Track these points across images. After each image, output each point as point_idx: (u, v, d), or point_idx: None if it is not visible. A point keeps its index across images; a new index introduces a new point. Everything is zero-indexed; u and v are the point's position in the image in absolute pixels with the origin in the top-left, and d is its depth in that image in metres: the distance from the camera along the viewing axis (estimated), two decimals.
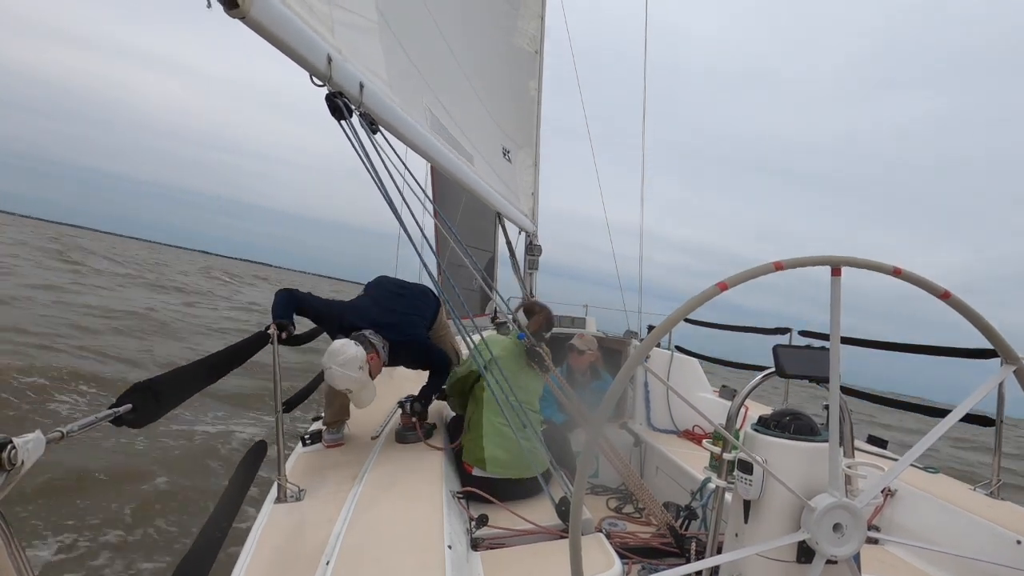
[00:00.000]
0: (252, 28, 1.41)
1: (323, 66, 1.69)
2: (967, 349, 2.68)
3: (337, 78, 1.75)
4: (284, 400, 2.12)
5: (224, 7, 1.31)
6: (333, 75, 1.73)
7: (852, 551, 1.10)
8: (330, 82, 1.74)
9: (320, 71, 1.70)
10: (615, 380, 1.02)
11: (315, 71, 1.69)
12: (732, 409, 1.55)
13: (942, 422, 1.08)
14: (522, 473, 2.32)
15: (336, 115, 1.79)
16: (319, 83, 1.75)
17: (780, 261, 0.98)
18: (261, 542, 1.70)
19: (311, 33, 1.63)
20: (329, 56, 1.70)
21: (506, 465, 2.33)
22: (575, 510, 1.02)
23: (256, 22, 1.40)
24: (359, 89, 1.88)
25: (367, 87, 1.92)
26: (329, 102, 1.78)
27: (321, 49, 1.67)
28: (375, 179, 1.91)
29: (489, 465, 2.32)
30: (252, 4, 1.34)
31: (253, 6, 1.35)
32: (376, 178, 1.91)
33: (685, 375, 3.91)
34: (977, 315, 1.03)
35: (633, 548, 2.23)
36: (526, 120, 4.75)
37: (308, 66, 1.66)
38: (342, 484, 2.12)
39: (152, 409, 1.20)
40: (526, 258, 5.55)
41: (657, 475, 3.40)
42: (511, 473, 2.32)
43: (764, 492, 1.24)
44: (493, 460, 2.33)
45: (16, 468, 0.77)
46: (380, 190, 1.92)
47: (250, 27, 1.41)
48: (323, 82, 1.74)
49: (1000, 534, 1.93)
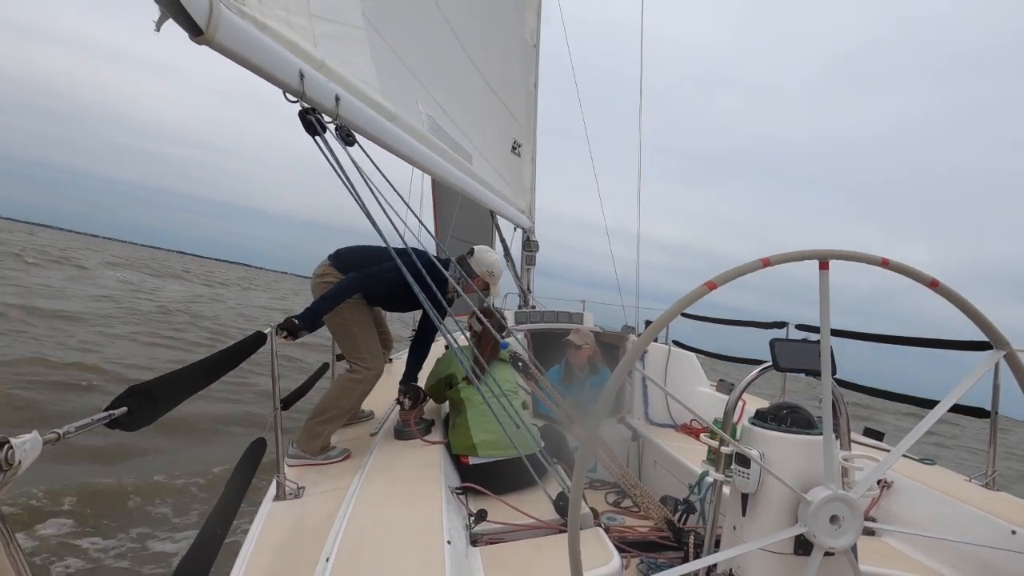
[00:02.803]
0: (219, 52, 1.38)
1: (296, 83, 1.67)
2: (961, 341, 2.69)
3: (311, 93, 1.73)
4: (282, 398, 2.12)
5: (189, 34, 1.27)
6: (306, 91, 1.71)
7: (849, 543, 1.10)
8: (304, 98, 1.72)
9: (293, 88, 1.68)
10: (612, 375, 1.02)
11: (288, 88, 1.67)
12: (729, 403, 1.55)
13: (934, 410, 1.09)
14: (514, 451, 2.35)
15: (310, 131, 1.79)
16: (292, 99, 1.73)
17: (768, 257, 0.97)
18: (261, 540, 1.70)
19: (282, 50, 1.61)
20: (301, 72, 1.68)
21: (496, 445, 2.37)
22: (574, 505, 1.02)
23: (223, 47, 1.36)
24: (335, 102, 1.86)
25: (343, 99, 1.90)
26: (302, 119, 1.77)
27: (293, 66, 1.65)
28: (351, 191, 1.91)
29: (480, 449, 2.37)
30: (218, 29, 1.31)
31: (219, 31, 1.31)
32: (352, 190, 1.91)
33: (682, 369, 3.92)
34: (966, 302, 1.03)
35: (631, 542, 2.24)
36: (525, 115, 4.75)
37: (280, 84, 1.64)
38: (341, 481, 2.13)
39: (147, 412, 1.20)
40: (523, 254, 5.54)
41: (655, 469, 3.41)
42: (504, 453, 2.36)
43: (761, 485, 1.25)
44: (484, 444, 2.38)
45: (13, 468, 0.77)
46: (356, 201, 1.93)
47: (217, 51, 1.37)
48: (297, 98, 1.73)
49: (995, 524, 1.94)
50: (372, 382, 2.62)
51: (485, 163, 3.67)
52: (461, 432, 2.47)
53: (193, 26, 1.25)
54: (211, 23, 1.28)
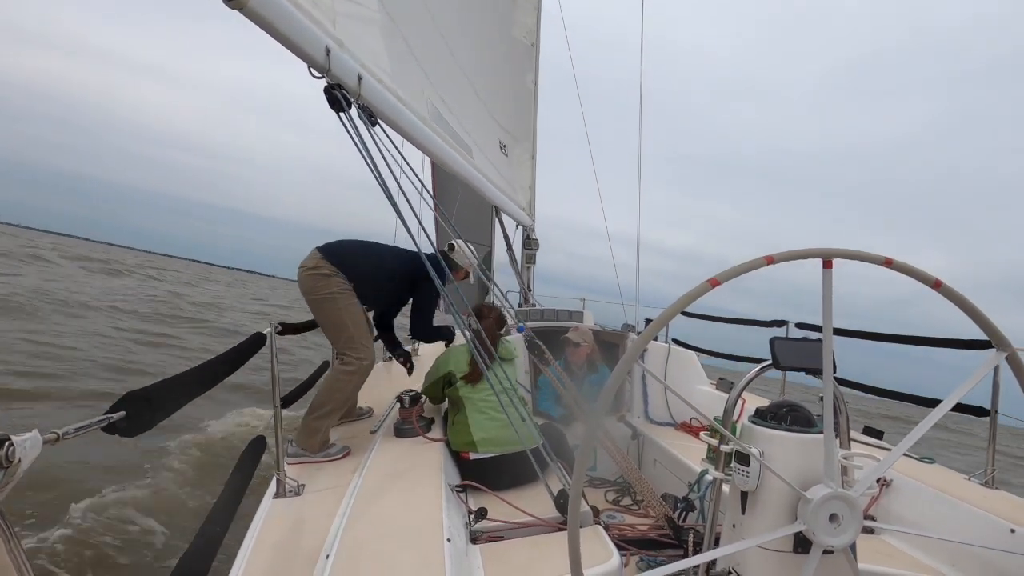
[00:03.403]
0: (251, 19, 1.40)
1: (322, 58, 1.68)
2: (963, 340, 2.69)
3: (336, 70, 1.74)
4: (282, 395, 2.12)
5: None
6: (332, 67, 1.72)
7: (848, 541, 1.10)
8: (328, 74, 1.73)
9: (319, 63, 1.69)
10: (612, 373, 1.02)
11: (314, 63, 1.68)
12: (729, 401, 1.55)
13: (936, 410, 1.09)
14: (514, 446, 2.36)
15: (335, 107, 1.78)
16: (317, 75, 1.73)
17: (771, 255, 0.97)
18: (261, 537, 1.70)
19: (310, 25, 1.62)
20: (328, 48, 1.69)
21: (496, 442, 2.40)
22: (573, 502, 1.02)
23: (255, 13, 1.39)
24: (357, 81, 1.87)
25: (365, 80, 1.91)
26: (328, 94, 1.77)
27: (320, 41, 1.66)
28: (373, 171, 1.90)
29: (480, 446, 2.39)
30: None
31: None
32: (374, 169, 1.90)
33: (682, 368, 3.92)
34: (969, 303, 1.03)
35: (631, 540, 2.24)
36: (524, 113, 4.73)
37: (307, 58, 1.65)
38: (341, 479, 2.13)
39: (146, 417, 1.19)
40: (523, 252, 5.53)
41: (655, 467, 3.41)
42: (503, 448, 2.38)
43: (761, 483, 1.25)
44: (483, 441, 2.40)
45: (14, 466, 0.77)
46: (378, 181, 1.92)
47: (249, 18, 1.40)
48: (322, 74, 1.73)
49: (994, 523, 1.94)
50: (365, 373, 2.61)
51: (484, 159, 3.67)
52: (460, 429, 2.49)
53: None
54: None
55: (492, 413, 2.49)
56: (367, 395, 3.03)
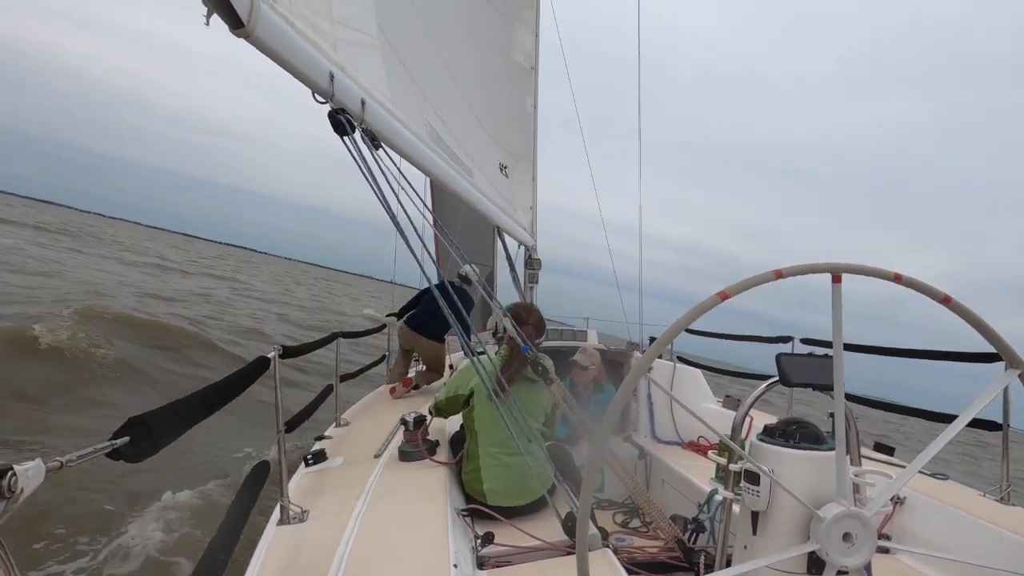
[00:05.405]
0: (256, 47, 1.43)
1: (325, 84, 1.72)
2: (970, 353, 2.67)
3: (339, 95, 1.78)
4: (286, 420, 2.10)
5: (229, 27, 1.33)
6: (335, 92, 1.76)
7: (863, 561, 1.08)
8: (332, 99, 1.76)
9: (323, 88, 1.72)
10: (618, 393, 1.01)
11: (318, 88, 1.72)
12: (736, 419, 1.54)
13: (949, 427, 1.07)
14: (524, 499, 2.32)
15: (339, 131, 1.82)
16: (321, 100, 1.77)
17: (780, 269, 0.97)
18: (264, 565, 1.68)
19: (314, 51, 1.66)
20: (331, 74, 1.73)
21: (506, 495, 2.31)
22: (581, 525, 1.01)
23: (260, 41, 1.42)
24: (360, 106, 1.90)
25: (368, 104, 1.94)
26: (332, 119, 1.81)
27: (323, 67, 1.70)
28: (378, 194, 1.93)
29: (489, 497, 2.30)
30: (257, 24, 1.37)
31: (259, 26, 1.37)
32: (379, 193, 1.93)
33: (688, 386, 3.89)
34: (980, 320, 1.02)
35: (641, 563, 2.20)
36: (524, 134, 4.79)
37: (311, 84, 1.68)
38: (345, 504, 2.10)
39: (149, 444, 1.19)
40: (526, 272, 5.55)
41: (663, 488, 3.36)
42: (512, 502, 2.31)
43: (772, 503, 1.23)
44: (492, 493, 2.31)
45: (15, 496, 0.76)
46: (383, 204, 1.95)
47: (254, 46, 1.43)
48: (326, 99, 1.76)
49: (1010, 540, 1.90)
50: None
51: (485, 180, 3.70)
52: (472, 475, 2.39)
53: (235, 19, 1.31)
54: (252, 17, 1.34)
55: (504, 459, 2.34)
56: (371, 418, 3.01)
